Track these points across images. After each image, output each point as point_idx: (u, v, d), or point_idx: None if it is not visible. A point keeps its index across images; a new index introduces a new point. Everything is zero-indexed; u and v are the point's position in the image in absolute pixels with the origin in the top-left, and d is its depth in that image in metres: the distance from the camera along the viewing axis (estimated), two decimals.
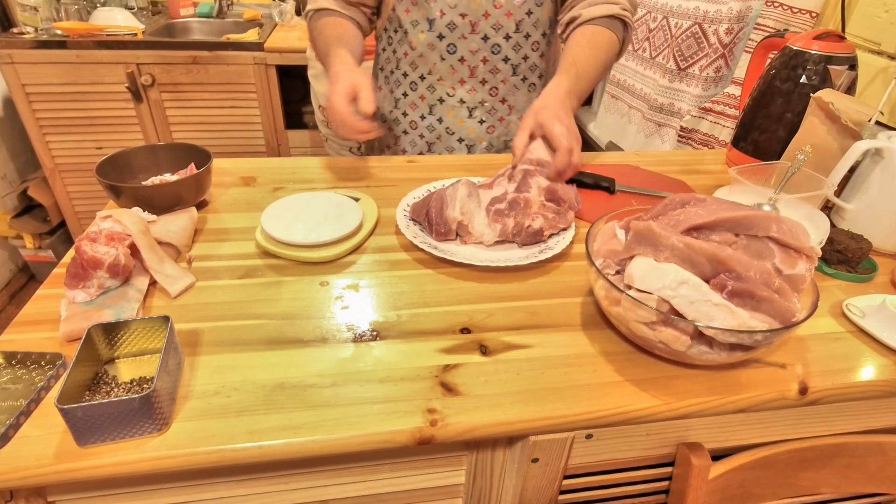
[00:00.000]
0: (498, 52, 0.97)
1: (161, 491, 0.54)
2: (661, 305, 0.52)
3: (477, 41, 0.95)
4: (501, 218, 0.73)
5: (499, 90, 1.01)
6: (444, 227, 0.73)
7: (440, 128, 1.04)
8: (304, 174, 0.94)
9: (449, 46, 0.96)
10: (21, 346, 0.56)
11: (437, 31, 0.95)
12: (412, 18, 0.96)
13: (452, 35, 0.95)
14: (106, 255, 0.61)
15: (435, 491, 0.61)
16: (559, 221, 0.75)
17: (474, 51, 0.96)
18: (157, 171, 0.85)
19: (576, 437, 0.57)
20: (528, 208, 0.74)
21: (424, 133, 1.05)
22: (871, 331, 0.62)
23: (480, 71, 0.98)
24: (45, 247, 2.15)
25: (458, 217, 0.73)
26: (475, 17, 0.93)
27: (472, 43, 0.95)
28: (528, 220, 0.73)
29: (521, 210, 0.73)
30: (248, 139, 2.08)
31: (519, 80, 1.01)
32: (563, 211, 0.75)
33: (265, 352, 0.57)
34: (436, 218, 0.73)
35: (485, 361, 0.57)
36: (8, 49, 1.78)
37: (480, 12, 0.93)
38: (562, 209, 0.76)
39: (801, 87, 0.91)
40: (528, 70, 1.01)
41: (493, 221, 0.73)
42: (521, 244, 0.74)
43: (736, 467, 0.61)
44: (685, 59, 1.53)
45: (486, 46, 0.96)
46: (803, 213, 0.74)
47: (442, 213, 0.73)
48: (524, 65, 1.00)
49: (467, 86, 0.99)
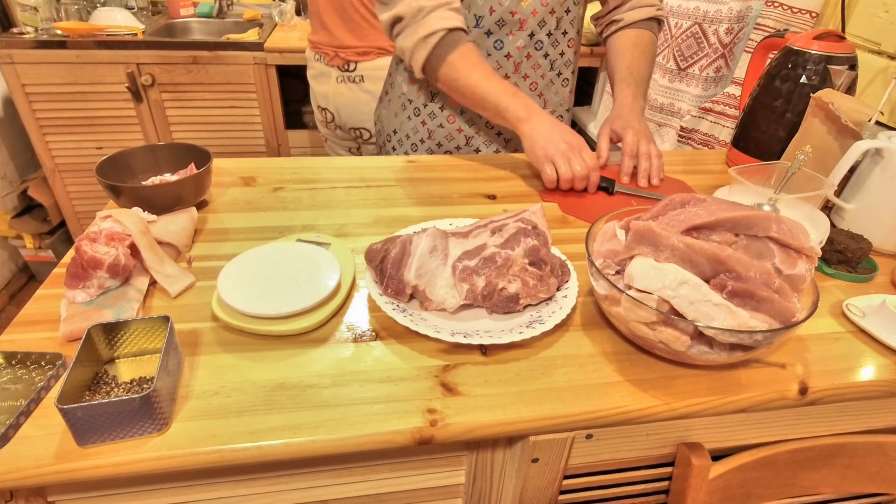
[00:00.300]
0: (540, 48, 0.99)
1: (161, 491, 0.54)
2: (661, 305, 0.52)
3: (524, 38, 0.97)
4: (470, 277, 0.61)
5: (538, 85, 1.04)
6: (395, 288, 0.61)
7: (480, 122, 1.06)
8: (304, 174, 0.94)
9: (496, 42, 0.97)
10: (21, 346, 0.56)
11: (484, 27, 0.96)
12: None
13: (500, 31, 0.96)
14: (106, 255, 0.61)
15: (435, 491, 0.61)
16: (540, 290, 0.62)
17: (520, 47, 0.98)
18: (157, 171, 0.85)
19: (576, 437, 0.57)
20: (506, 268, 0.61)
21: (463, 127, 1.06)
22: (871, 331, 0.62)
23: (524, 67, 1.00)
24: (45, 247, 2.15)
25: (412, 282, 0.61)
26: (524, 14, 0.95)
27: (518, 40, 0.97)
28: (503, 281, 0.61)
29: (498, 269, 0.61)
30: (248, 139, 2.08)
31: (555, 75, 1.04)
32: (546, 277, 0.63)
33: (265, 352, 0.57)
34: (389, 272, 0.62)
35: (485, 361, 0.57)
36: (8, 49, 1.78)
37: (529, 10, 0.95)
38: (544, 275, 0.63)
39: (801, 87, 0.91)
40: (563, 65, 1.04)
41: (460, 281, 0.61)
42: (490, 310, 0.62)
43: (736, 467, 0.61)
44: (685, 59, 1.53)
45: (531, 43, 0.98)
46: (803, 213, 0.74)
47: (398, 270, 0.62)
48: (560, 60, 1.03)
49: (510, 81, 1.00)
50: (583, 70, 2.34)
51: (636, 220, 0.58)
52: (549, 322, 0.59)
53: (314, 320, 0.60)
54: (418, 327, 0.58)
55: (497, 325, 0.61)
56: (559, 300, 0.63)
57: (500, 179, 0.96)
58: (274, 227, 0.79)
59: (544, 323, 0.59)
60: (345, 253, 0.70)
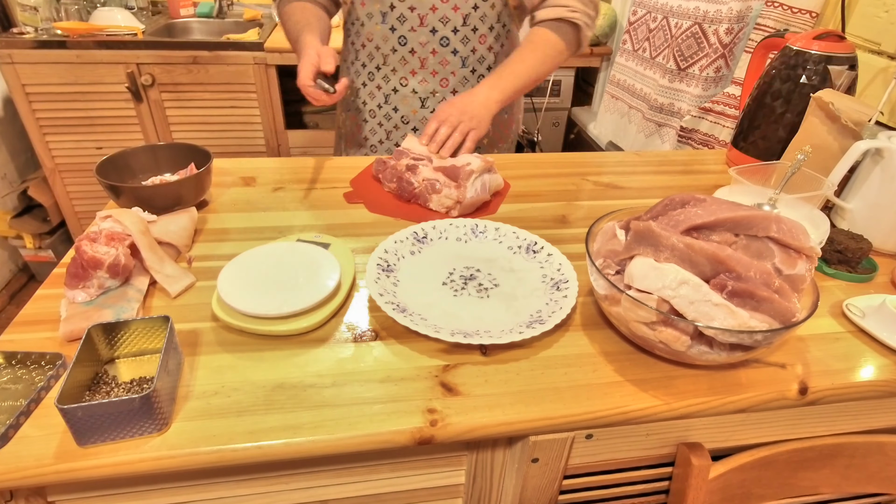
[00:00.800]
0: (446, 44, 1.00)
1: (161, 491, 0.54)
2: (661, 305, 0.52)
3: (426, 34, 0.99)
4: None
5: (449, 81, 1.04)
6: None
7: (396, 117, 1.08)
8: (304, 174, 0.94)
9: (400, 38, 1.00)
10: (21, 346, 0.56)
11: (389, 23, 0.99)
12: (367, 11, 1.01)
13: (403, 27, 0.99)
14: (106, 255, 0.61)
15: (435, 491, 0.61)
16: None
17: (423, 43, 1.00)
18: (157, 171, 0.85)
19: (576, 437, 0.57)
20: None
21: (383, 122, 1.09)
22: (871, 331, 0.62)
23: (430, 62, 1.02)
24: (45, 247, 2.14)
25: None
26: (423, 10, 0.97)
27: (420, 35, 0.99)
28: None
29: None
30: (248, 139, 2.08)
31: (468, 71, 1.04)
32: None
33: (265, 352, 0.57)
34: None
35: (485, 361, 0.57)
36: (8, 49, 1.78)
37: (428, 6, 0.97)
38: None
39: (801, 87, 0.91)
40: (476, 62, 1.04)
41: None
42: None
43: (736, 467, 0.61)
44: (685, 59, 1.53)
45: (435, 39, 1.00)
46: (803, 213, 0.74)
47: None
48: (472, 57, 1.03)
49: (419, 76, 1.03)
50: (583, 70, 2.35)
51: (636, 220, 0.58)
52: (549, 322, 0.59)
53: (314, 320, 0.60)
54: (418, 327, 0.58)
55: (497, 325, 0.61)
56: (559, 300, 0.64)
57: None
58: (274, 227, 0.79)
59: (544, 323, 0.59)
60: (345, 253, 0.70)
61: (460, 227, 0.77)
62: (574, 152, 1.13)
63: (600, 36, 2.12)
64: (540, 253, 0.72)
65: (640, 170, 1.03)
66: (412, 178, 0.86)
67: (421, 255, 0.72)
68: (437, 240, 0.75)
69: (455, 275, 0.69)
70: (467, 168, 0.83)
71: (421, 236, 0.74)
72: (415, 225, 0.76)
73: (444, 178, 0.84)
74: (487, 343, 0.57)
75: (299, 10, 1.01)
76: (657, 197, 0.82)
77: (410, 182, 0.86)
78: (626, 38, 1.81)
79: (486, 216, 0.84)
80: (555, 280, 0.67)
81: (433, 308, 0.63)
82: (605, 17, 2.09)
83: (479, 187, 0.83)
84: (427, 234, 0.75)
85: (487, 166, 0.85)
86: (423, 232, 0.75)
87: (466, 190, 0.81)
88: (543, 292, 0.66)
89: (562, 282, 0.66)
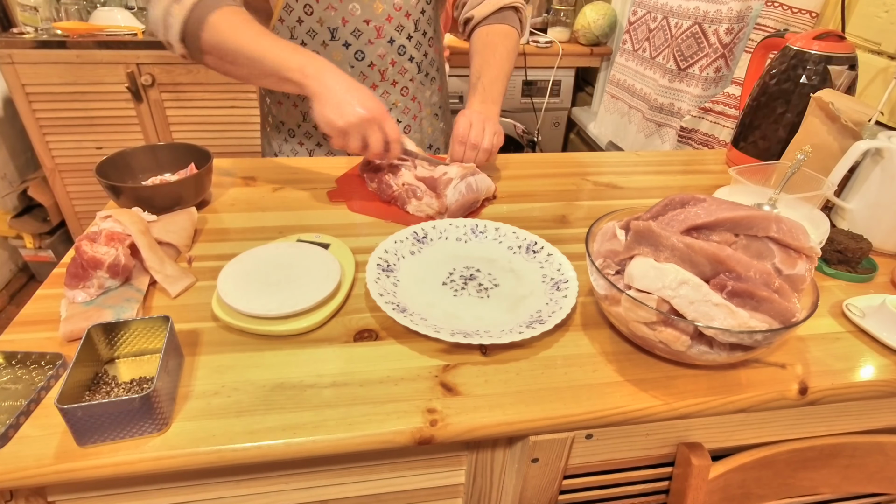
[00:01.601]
0: (404, 52, 0.98)
1: (161, 491, 0.54)
2: (661, 305, 0.52)
3: (384, 45, 0.95)
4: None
5: (409, 89, 1.03)
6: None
7: None
8: (304, 174, 0.94)
9: (357, 53, 0.94)
10: (21, 346, 0.56)
11: (341, 39, 0.92)
12: (308, 29, 0.90)
13: (359, 41, 0.93)
14: (106, 255, 0.61)
15: (435, 491, 0.61)
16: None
17: (382, 55, 0.96)
18: (157, 171, 0.85)
19: (576, 437, 0.57)
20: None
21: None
22: (871, 331, 0.62)
23: (390, 73, 0.98)
24: (45, 247, 2.14)
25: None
26: (379, 21, 0.92)
27: (378, 48, 0.95)
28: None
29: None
30: (248, 139, 2.08)
31: (423, 76, 1.04)
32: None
33: (265, 352, 0.57)
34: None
35: (485, 361, 0.57)
36: (8, 49, 1.78)
37: (384, 17, 0.92)
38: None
39: (801, 87, 0.91)
40: (428, 66, 1.04)
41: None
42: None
43: (736, 467, 0.61)
44: (685, 59, 1.53)
45: (393, 49, 0.96)
46: (803, 213, 0.74)
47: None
48: (425, 61, 1.03)
49: (379, 90, 0.99)
50: (583, 70, 2.35)
51: (636, 219, 0.58)
52: (549, 322, 0.59)
53: (314, 320, 0.60)
54: (418, 327, 0.58)
55: (497, 325, 0.61)
56: (559, 300, 0.64)
57: (500, 179, 0.96)
58: (274, 227, 0.79)
59: (544, 323, 0.59)
60: (345, 253, 0.70)
61: (460, 227, 0.77)
62: (574, 152, 1.13)
63: (600, 36, 2.12)
64: (540, 253, 0.72)
65: (640, 170, 1.03)
66: (392, 181, 0.85)
67: (421, 255, 0.72)
68: (437, 240, 0.75)
69: (455, 275, 0.69)
70: (444, 178, 0.82)
71: (421, 236, 0.74)
72: (415, 225, 0.76)
73: (424, 187, 0.83)
74: (487, 343, 0.57)
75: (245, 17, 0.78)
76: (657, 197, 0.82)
77: (389, 184, 0.85)
78: (626, 38, 1.81)
79: (473, 216, 0.84)
80: (555, 280, 0.67)
81: (433, 308, 0.63)
82: (605, 17, 2.09)
83: (463, 190, 0.82)
84: (427, 234, 0.75)
85: (468, 171, 0.84)
86: (423, 232, 0.75)
87: (447, 198, 0.81)
88: (543, 292, 0.66)
89: (562, 282, 0.66)
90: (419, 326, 0.58)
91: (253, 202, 0.85)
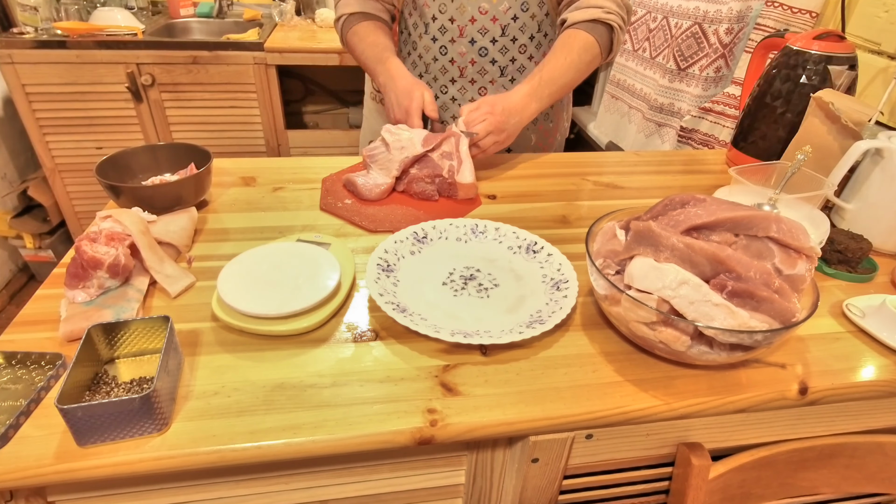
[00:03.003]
0: (485, 54, 1.01)
1: (161, 491, 0.54)
2: (661, 305, 0.52)
3: (465, 44, 1.00)
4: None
5: (487, 90, 1.05)
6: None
7: None
8: (304, 174, 0.94)
9: (441, 48, 1.02)
10: (21, 346, 0.56)
11: (431, 33, 1.02)
12: (413, 21, 1.04)
13: (444, 38, 1.01)
14: (106, 255, 0.61)
15: (435, 491, 0.61)
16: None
17: (462, 53, 1.01)
18: (157, 171, 0.85)
19: (576, 437, 0.57)
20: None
21: None
22: (871, 331, 0.62)
23: (469, 72, 1.03)
24: (45, 247, 2.14)
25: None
26: (462, 21, 0.98)
27: (460, 46, 1.01)
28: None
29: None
30: (248, 139, 2.08)
31: (507, 80, 1.05)
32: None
33: (265, 352, 0.57)
34: None
35: (485, 361, 0.57)
36: (8, 49, 1.78)
37: (467, 17, 0.98)
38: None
39: (801, 87, 0.91)
40: (516, 71, 1.05)
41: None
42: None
43: (736, 467, 0.61)
44: (685, 59, 1.53)
45: (474, 49, 1.01)
46: (803, 213, 0.74)
47: None
48: (512, 66, 1.04)
49: (458, 85, 1.05)
50: None
51: (636, 220, 0.58)
52: (549, 322, 0.59)
53: (314, 320, 0.60)
54: (418, 327, 0.58)
55: (497, 325, 0.61)
56: (559, 300, 0.64)
57: (500, 179, 0.96)
58: (274, 227, 0.79)
59: (544, 323, 0.59)
60: (345, 253, 0.70)
61: (460, 227, 0.77)
62: (574, 152, 1.13)
63: None
64: (540, 253, 0.72)
65: (640, 170, 1.03)
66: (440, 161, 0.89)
67: (421, 255, 0.72)
68: (437, 240, 0.75)
69: (455, 275, 0.69)
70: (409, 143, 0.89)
71: (421, 236, 0.74)
72: (415, 225, 0.76)
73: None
74: (487, 343, 0.57)
75: (372, 30, 1.03)
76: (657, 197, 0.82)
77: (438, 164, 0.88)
78: (626, 37, 1.81)
79: (462, 208, 0.85)
80: (555, 280, 0.67)
81: (433, 308, 0.63)
82: None
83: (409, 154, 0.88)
84: (427, 234, 0.75)
85: (435, 142, 0.88)
86: (423, 232, 0.75)
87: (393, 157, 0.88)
88: (543, 292, 0.66)
89: (562, 282, 0.66)
90: (419, 326, 0.58)
91: (253, 202, 0.85)
